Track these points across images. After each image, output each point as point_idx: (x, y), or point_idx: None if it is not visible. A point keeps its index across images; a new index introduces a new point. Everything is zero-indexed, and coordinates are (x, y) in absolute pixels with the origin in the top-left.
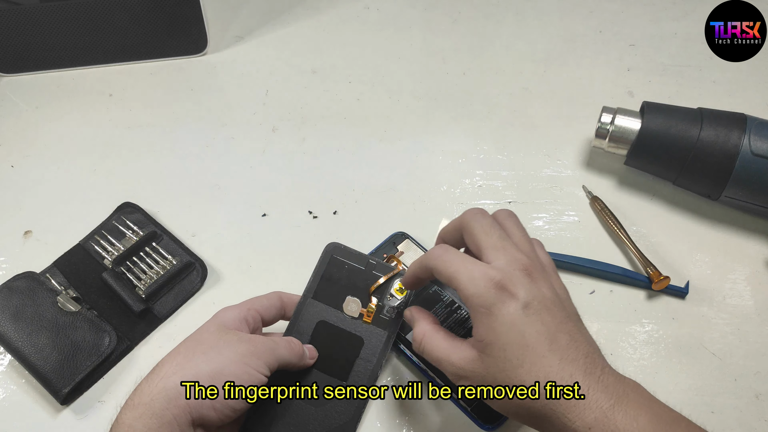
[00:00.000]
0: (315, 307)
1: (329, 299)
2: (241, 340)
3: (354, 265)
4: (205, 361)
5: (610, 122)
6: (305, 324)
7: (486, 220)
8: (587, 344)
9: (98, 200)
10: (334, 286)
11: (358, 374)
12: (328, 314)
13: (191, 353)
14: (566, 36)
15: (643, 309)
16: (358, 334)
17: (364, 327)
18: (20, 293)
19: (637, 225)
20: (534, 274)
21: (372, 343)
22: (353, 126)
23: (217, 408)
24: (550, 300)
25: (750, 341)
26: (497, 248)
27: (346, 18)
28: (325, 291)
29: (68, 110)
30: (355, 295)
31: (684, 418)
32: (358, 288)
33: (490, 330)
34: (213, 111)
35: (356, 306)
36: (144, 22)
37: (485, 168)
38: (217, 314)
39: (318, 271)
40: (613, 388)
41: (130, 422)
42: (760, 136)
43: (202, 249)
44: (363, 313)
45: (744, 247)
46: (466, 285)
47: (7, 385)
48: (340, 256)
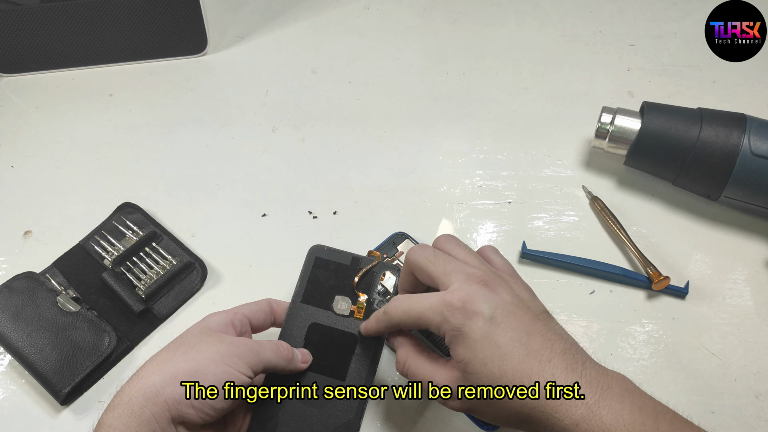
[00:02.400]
0: (305, 310)
1: (318, 301)
2: (222, 341)
3: (339, 263)
4: (184, 361)
5: (610, 122)
6: (297, 328)
7: (426, 252)
8: (562, 341)
9: (98, 200)
10: (322, 287)
11: (356, 371)
12: (319, 316)
13: (172, 354)
14: (566, 36)
15: (643, 309)
16: (351, 332)
17: (356, 324)
18: (20, 293)
19: (637, 225)
20: (490, 284)
21: (366, 338)
22: (353, 126)
23: (196, 406)
24: (513, 305)
25: (750, 341)
26: (447, 272)
27: (346, 18)
28: (314, 293)
29: (68, 110)
30: (344, 293)
31: (669, 410)
32: (346, 286)
33: (467, 349)
34: (213, 111)
35: (346, 304)
36: (144, 22)
37: (485, 168)
38: (204, 318)
39: (304, 275)
40: (597, 382)
41: (110, 422)
42: (759, 136)
43: (202, 249)
44: (354, 311)
45: (744, 247)
46: (431, 317)
47: (7, 385)
48: (324, 256)
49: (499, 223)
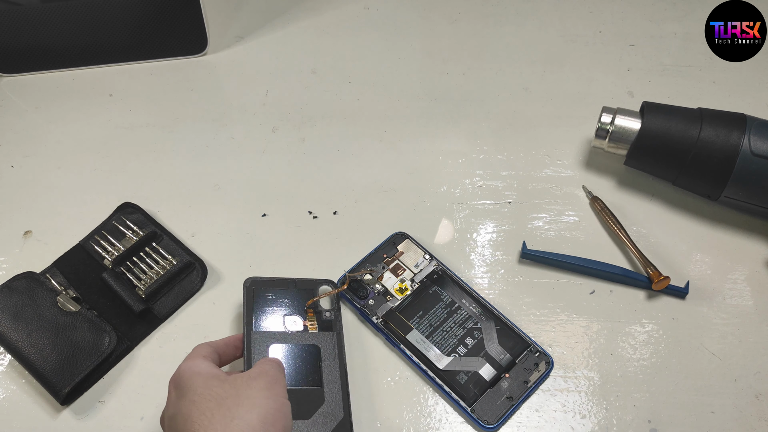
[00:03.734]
0: (261, 336)
1: (270, 324)
2: (265, 397)
3: (278, 289)
4: (248, 412)
5: (610, 122)
6: (259, 352)
7: None
8: None
9: (98, 200)
10: (269, 313)
11: (330, 374)
12: (276, 337)
13: (224, 413)
14: (566, 36)
15: (643, 309)
16: (312, 343)
17: (313, 336)
18: (20, 293)
19: (637, 225)
20: None
21: (327, 346)
22: (353, 126)
23: None
24: None
25: (750, 341)
26: None
27: (346, 18)
28: (263, 320)
29: (68, 110)
30: (292, 313)
31: None
32: (292, 306)
33: None
34: (213, 111)
35: (298, 321)
36: (144, 22)
37: (485, 168)
38: (195, 359)
39: (248, 307)
40: None
41: None
42: (760, 136)
43: (202, 249)
44: (306, 326)
45: (744, 247)
46: None
47: (7, 385)
48: (261, 287)
49: (499, 223)
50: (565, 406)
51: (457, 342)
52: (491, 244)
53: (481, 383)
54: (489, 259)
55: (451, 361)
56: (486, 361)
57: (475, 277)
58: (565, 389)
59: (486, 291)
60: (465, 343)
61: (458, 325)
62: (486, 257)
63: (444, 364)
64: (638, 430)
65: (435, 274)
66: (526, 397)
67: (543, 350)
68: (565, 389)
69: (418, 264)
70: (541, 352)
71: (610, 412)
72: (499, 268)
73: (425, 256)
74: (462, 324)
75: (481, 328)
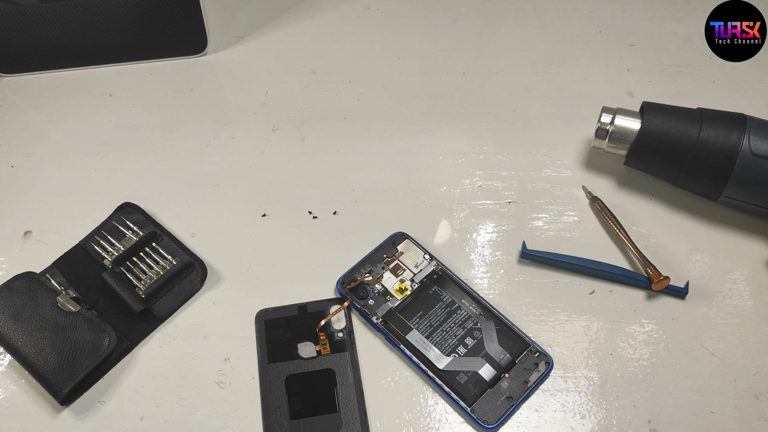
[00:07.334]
0: (275, 368)
1: (284, 355)
2: None
3: (288, 316)
4: None
5: (609, 122)
6: (275, 387)
7: None
8: None
9: (98, 200)
10: (282, 342)
11: (346, 397)
12: (290, 367)
13: None
14: (566, 36)
15: (643, 309)
16: (325, 368)
17: (327, 359)
18: (20, 293)
19: (637, 225)
20: None
21: (341, 367)
22: (353, 126)
23: None
24: None
25: (750, 341)
26: None
27: (346, 18)
28: (277, 351)
29: (68, 110)
30: (304, 339)
31: None
32: (303, 332)
33: None
34: (213, 111)
35: (311, 347)
36: (144, 22)
37: (485, 168)
38: None
39: (261, 339)
40: None
41: None
42: (759, 137)
43: (202, 249)
44: (320, 350)
45: (744, 247)
46: None
47: (7, 385)
48: (271, 316)
49: (499, 223)
50: (565, 406)
51: (457, 342)
52: (491, 244)
53: (480, 383)
54: (489, 259)
55: (450, 361)
56: (486, 361)
57: (474, 277)
58: (565, 389)
59: (486, 291)
60: (465, 343)
61: (458, 325)
62: (486, 257)
63: (444, 364)
64: (638, 430)
65: (435, 274)
66: (525, 397)
67: (543, 350)
68: (565, 389)
69: (417, 264)
70: (540, 352)
71: (609, 412)
72: (499, 268)
73: (425, 256)
74: (462, 324)
75: (480, 328)
